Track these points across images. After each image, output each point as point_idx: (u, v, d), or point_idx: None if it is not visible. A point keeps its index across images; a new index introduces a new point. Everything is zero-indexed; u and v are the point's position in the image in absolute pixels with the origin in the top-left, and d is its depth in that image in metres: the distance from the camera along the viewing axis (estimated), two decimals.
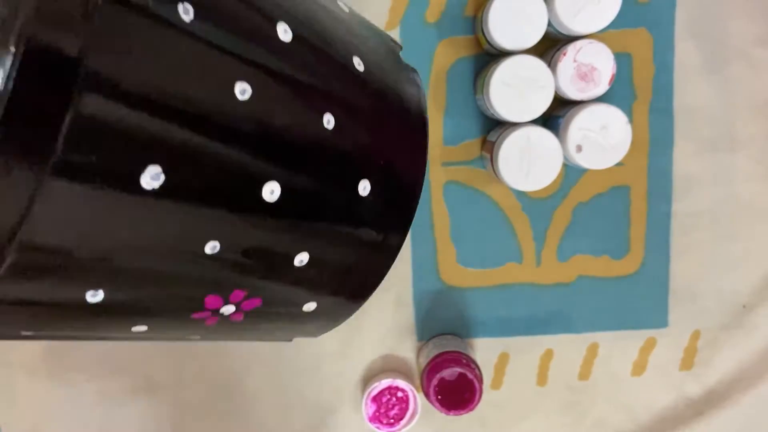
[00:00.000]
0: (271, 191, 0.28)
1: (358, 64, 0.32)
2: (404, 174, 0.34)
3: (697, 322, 0.59)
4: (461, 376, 0.53)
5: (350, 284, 0.34)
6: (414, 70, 0.38)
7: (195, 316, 0.30)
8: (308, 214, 0.30)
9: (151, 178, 0.24)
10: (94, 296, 0.26)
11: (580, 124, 0.50)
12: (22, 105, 0.20)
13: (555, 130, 0.52)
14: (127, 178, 0.23)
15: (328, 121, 0.30)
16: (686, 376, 0.59)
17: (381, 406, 0.56)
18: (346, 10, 0.36)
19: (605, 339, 0.59)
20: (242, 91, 0.26)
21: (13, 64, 0.20)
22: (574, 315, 0.58)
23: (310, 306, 0.34)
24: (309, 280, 0.32)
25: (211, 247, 0.27)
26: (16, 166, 0.21)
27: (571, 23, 0.50)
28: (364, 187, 0.32)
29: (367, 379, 0.58)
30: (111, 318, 0.28)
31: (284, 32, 0.29)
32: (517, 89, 0.50)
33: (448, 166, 0.56)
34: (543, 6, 0.50)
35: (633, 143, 0.52)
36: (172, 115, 0.24)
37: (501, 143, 0.51)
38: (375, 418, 0.56)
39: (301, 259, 0.31)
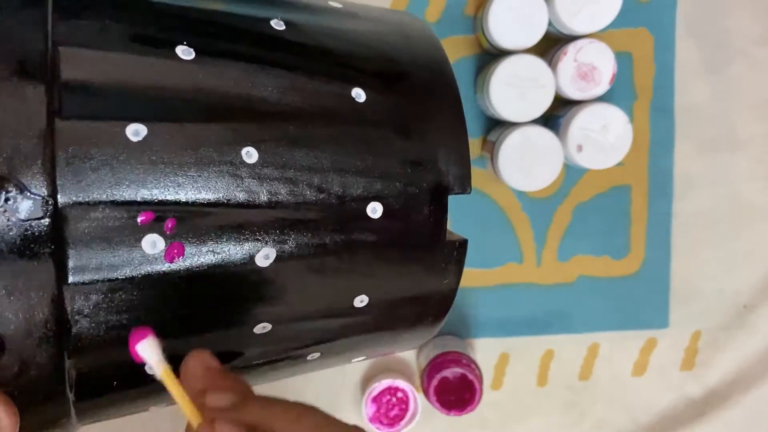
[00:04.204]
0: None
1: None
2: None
3: (698, 323, 0.59)
4: (461, 376, 0.53)
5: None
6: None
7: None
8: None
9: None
10: None
11: (580, 123, 0.50)
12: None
13: (555, 129, 0.52)
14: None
15: None
16: (687, 377, 0.59)
17: (381, 407, 0.55)
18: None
19: (606, 339, 0.59)
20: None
21: None
22: (575, 315, 0.58)
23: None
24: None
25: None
26: None
27: (572, 23, 0.50)
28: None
29: (367, 380, 0.58)
30: None
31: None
32: (517, 89, 0.50)
33: None
34: (543, 5, 0.49)
35: (633, 143, 0.52)
36: None
37: (501, 143, 0.51)
38: (375, 419, 0.55)
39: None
